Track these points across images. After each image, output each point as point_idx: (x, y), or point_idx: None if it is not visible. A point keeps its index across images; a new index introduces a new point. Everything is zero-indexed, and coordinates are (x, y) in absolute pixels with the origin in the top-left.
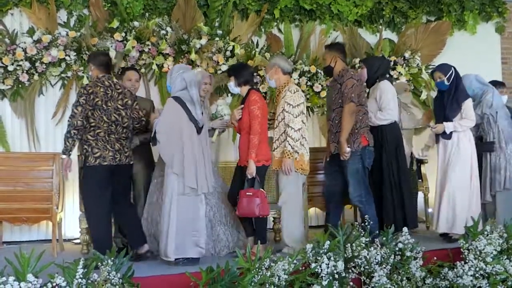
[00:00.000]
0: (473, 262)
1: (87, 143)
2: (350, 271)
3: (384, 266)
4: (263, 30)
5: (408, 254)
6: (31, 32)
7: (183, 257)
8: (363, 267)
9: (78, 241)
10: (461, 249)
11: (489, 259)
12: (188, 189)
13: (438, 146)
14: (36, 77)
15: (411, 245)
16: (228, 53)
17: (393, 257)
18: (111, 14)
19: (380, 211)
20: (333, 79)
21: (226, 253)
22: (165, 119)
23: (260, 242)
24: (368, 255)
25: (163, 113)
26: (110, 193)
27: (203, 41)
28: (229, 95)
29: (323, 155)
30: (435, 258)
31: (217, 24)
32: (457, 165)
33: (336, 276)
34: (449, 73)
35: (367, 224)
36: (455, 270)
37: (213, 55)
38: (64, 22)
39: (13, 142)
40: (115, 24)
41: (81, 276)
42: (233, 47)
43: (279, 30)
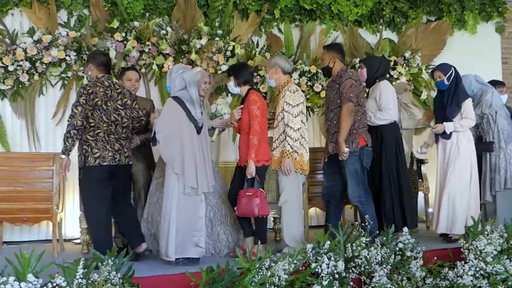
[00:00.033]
0: (473, 262)
1: (87, 143)
2: (350, 271)
3: (384, 266)
4: (263, 30)
5: (408, 254)
6: (31, 32)
7: (184, 257)
8: (364, 267)
9: (78, 241)
10: (462, 249)
11: (489, 259)
12: (188, 189)
13: (437, 146)
14: (36, 77)
15: (411, 245)
16: (228, 53)
17: (393, 257)
18: (111, 14)
19: (379, 211)
20: (331, 79)
21: (226, 253)
22: (165, 119)
23: (260, 242)
24: (368, 255)
25: (162, 113)
26: (110, 193)
27: (203, 41)
28: (229, 95)
29: (322, 156)
30: (436, 258)
31: (217, 24)
32: (456, 165)
33: (336, 276)
34: (449, 73)
35: (367, 224)
36: (456, 270)
37: (213, 55)
38: (64, 22)
39: (14, 142)
40: (115, 24)
41: (82, 276)
42: (233, 47)
43: (279, 30)
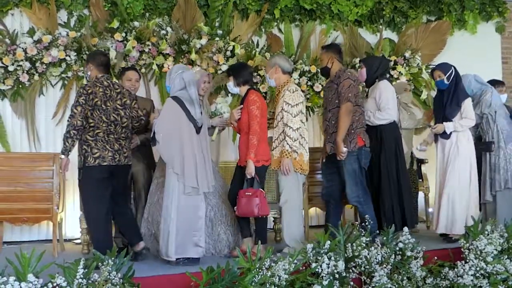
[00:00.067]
0: (473, 261)
1: (86, 144)
2: (350, 271)
3: (384, 266)
4: (263, 30)
5: (408, 253)
6: (31, 32)
7: (184, 257)
8: (364, 267)
9: (78, 241)
10: (462, 249)
11: (489, 259)
12: (189, 189)
13: (436, 145)
14: (36, 77)
15: (411, 245)
16: (228, 53)
17: (393, 257)
18: (111, 14)
19: (378, 211)
20: (329, 79)
21: (226, 253)
22: (164, 119)
23: (260, 242)
24: (368, 255)
25: (162, 113)
26: (109, 193)
27: (203, 41)
28: (229, 95)
29: (320, 156)
30: (436, 257)
31: (217, 24)
32: (456, 165)
33: (336, 276)
34: (448, 72)
35: (367, 224)
36: (456, 269)
37: (213, 55)
38: (64, 22)
39: (14, 142)
40: (116, 24)
41: (82, 276)
42: (233, 47)
43: (279, 30)
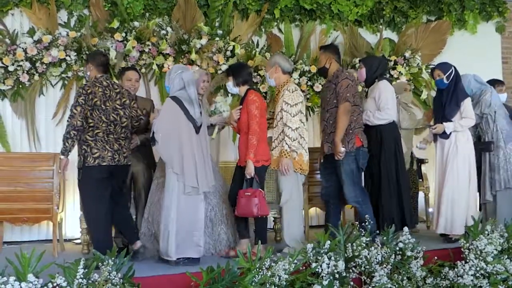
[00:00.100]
0: (473, 261)
1: (86, 144)
2: (350, 270)
3: (384, 265)
4: (263, 30)
5: (408, 253)
6: (31, 32)
7: (184, 257)
8: (364, 267)
9: (78, 241)
10: (462, 249)
11: (489, 259)
12: (189, 188)
13: (436, 145)
14: (36, 77)
15: (411, 245)
16: (228, 53)
17: (393, 256)
18: (111, 14)
19: (378, 211)
20: (327, 80)
21: (222, 253)
22: (163, 119)
23: (260, 242)
24: (368, 254)
25: (161, 113)
26: (109, 193)
27: (204, 41)
28: (230, 95)
29: (318, 156)
30: (436, 257)
31: (217, 24)
32: (455, 165)
33: (336, 275)
34: (448, 72)
35: (367, 224)
36: (456, 269)
37: (214, 55)
38: (64, 22)
39: (14, 142)
40: (116, 24)
41: (82, 276)
42: (234, 47)
43: (279, 30)
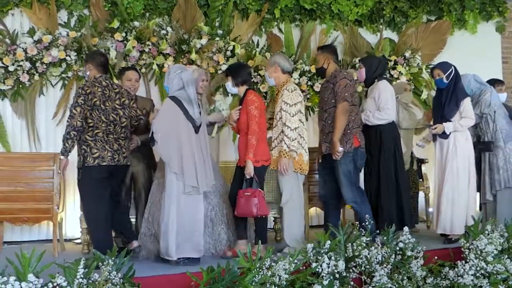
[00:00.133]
0: (474, 261)
1: (86, 144)
2: (351, 270)
3: (385, 265)
4: (263, 29)
5: (409, 253)
6: (31, 32)
7: (184, 257)
8: (364, 267)
9: (79, 241)
10: (462, 249)
11: (490, 259)
12: (189, 188)
13: (435, 145)
14: (36, 77)
15: (412, 245)
16: (228, 53)
17: (394, 256)
18: (111, 14)
19: (377, 211)
20: (325, 80)
21: (221, 252)
22: (162, 119)
23: (260, 242)
24: (369, 254)
25: (160, 113)
26: (109, 193)
27: (204, 41)
28: (229, 95)
29: (316, 156)
30: (436, 257)
31: (217, 24)
32: (454, 165)
33: (337, 275)
34: (448, 71)
35: (367, 223)
36: (456, 269)
37: (214, 55)
38: (64, 22)
39: (14, 142)
40: (116, 24)
41: (82, 276)
42: (234, 47)
43: (280, 30)
